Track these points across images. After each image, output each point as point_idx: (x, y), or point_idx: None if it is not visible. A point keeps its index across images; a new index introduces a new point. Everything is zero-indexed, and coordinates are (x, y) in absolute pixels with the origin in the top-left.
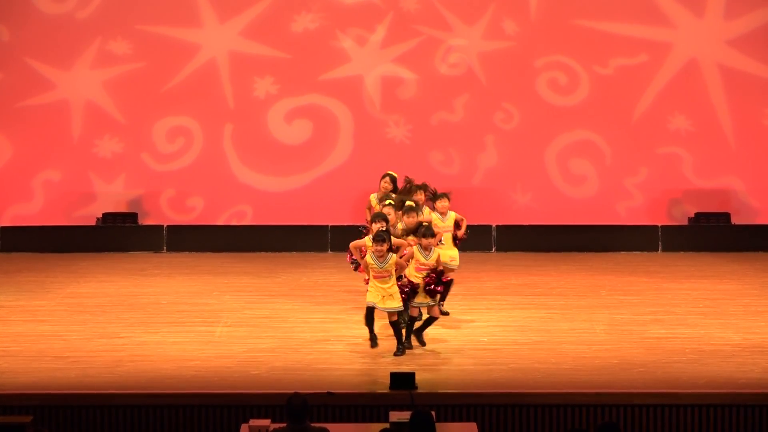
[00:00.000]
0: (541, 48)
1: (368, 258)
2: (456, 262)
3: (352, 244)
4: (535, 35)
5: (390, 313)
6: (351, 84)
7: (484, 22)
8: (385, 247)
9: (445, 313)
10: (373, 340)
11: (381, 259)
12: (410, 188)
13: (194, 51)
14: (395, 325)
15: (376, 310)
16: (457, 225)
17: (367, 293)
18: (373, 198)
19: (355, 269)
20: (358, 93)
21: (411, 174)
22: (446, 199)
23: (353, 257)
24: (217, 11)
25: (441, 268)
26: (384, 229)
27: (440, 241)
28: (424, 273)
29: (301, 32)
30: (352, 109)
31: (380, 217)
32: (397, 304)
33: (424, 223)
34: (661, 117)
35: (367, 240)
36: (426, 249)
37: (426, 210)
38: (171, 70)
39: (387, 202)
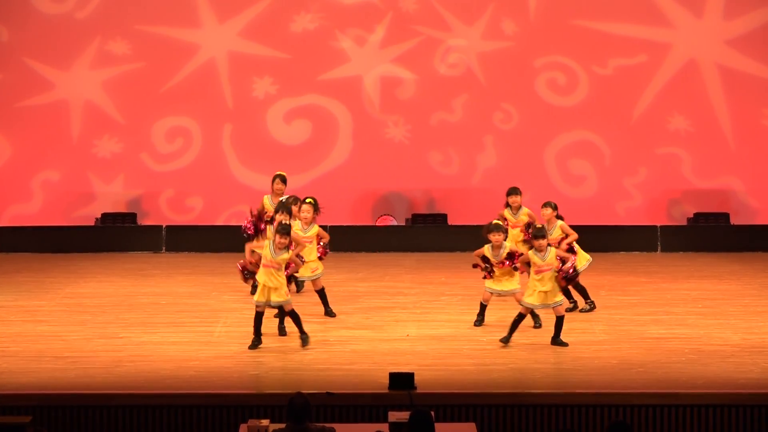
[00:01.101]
0: (540, 48)
1: (265, 249)
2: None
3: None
4: (534, 35)
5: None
6: (350, 84)
7: (483, 22)
8: (287, 240)
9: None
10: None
11: (278, 251)
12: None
13: (193, 51)
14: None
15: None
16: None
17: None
18: (267, 199)
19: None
20: (357, 93)
21: (410, 174)
22: (518, 196)
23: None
24: (216, 11)
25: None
26: (287, 222)
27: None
28: (548, 274)
29: (300, 32)
30: (351, 109)
31: (285, 209)
32: (283, 298)
33: (536, 224)
34: (661, 117)
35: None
36: (540, 250)
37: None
38: (170, 71)
39: (308, 200)
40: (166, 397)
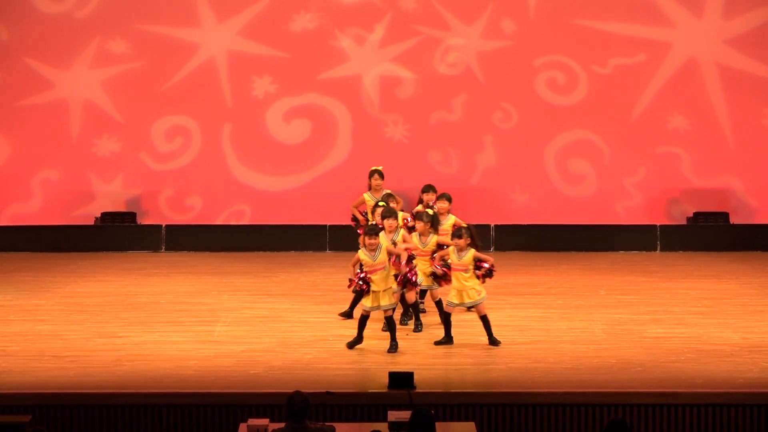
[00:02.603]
0: (539, 47)
1: (360, 254)
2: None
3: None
4: (533, 35)
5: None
6: (349, 83)
7: (482, 21)
8: (377, 241)
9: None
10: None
11: (372, 253)
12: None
13: (193, 50)
14: (390, 320)
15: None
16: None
17: (364, 298)
18: (367, 196)
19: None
20: (357, 92)
21: (410, 174)
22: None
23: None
24: (215, 10)
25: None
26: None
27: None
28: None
29: (299, 31)
30: (350, 108)
31: (391, 214)
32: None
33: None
34: (660, 116)
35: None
36: (461, 250)
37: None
38: (169, 70)
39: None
40: (165, 397)
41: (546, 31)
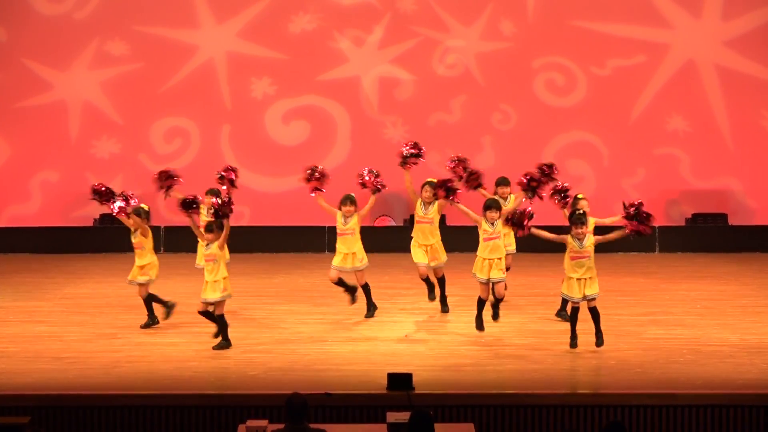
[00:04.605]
0: (538, 49)
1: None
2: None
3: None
4: (532, 36)
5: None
6: (348, 85)
7: (481, 23)
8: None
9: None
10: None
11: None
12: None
13: (192, 52)
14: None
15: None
16: None
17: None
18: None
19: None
20: (356, 94)
21: (410, 174)
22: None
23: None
24: (214, 12)
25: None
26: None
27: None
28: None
29: (298, 33)
30: (349, 109)
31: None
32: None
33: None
34: (659, 118)
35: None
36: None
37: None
38: (168, 71)
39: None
40: (164, 398)
41: (545, 32)
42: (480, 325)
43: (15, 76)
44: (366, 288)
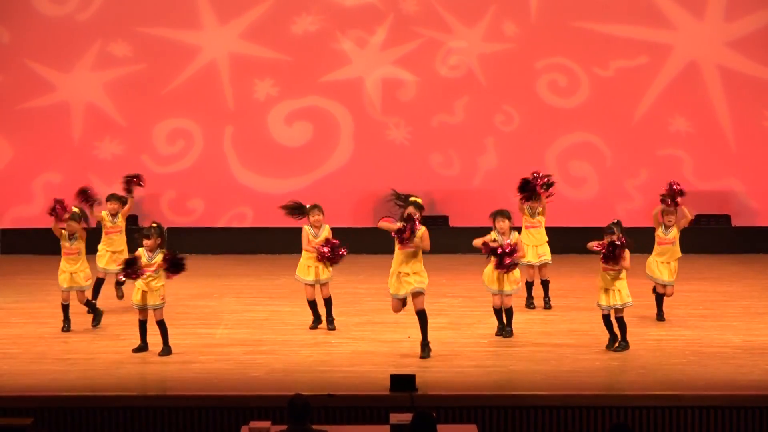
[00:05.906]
0: (541, 50)
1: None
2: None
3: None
4: (535, 37)
5: None
6: (351, 86)
7: (484, 24)
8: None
9: None
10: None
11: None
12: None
13: (194, 53)
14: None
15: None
16: None
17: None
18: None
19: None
20: (359, 95)
21: (411, 175)
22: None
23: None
24: (217, 13)
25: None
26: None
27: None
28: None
29: (301, 34)
30: (352, 111)
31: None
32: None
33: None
34: (662, 119)
35: None
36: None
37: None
38: (171, 73)
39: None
40: (167, 399)
41: (547, 33)
42: (502, 332)
43: (18, 78)
44: (328, 302)
